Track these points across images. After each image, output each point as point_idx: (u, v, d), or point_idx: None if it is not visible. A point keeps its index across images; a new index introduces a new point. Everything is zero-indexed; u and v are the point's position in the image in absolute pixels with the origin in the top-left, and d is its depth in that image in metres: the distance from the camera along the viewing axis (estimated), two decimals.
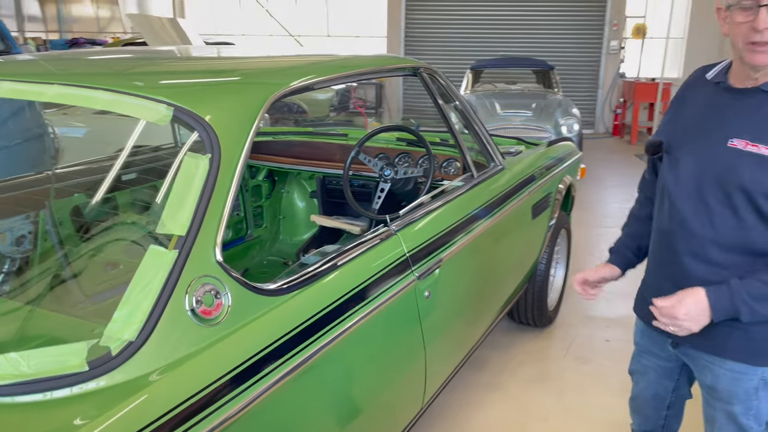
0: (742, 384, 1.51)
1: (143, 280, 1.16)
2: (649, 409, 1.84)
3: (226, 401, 1.19)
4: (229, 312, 1.27)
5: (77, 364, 1.06)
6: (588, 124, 11.07)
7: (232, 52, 2.28)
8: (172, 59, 1.97)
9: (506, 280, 2.74)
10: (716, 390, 1.57)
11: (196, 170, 1.29)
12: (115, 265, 2.18)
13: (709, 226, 1.45)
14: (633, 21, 10.70)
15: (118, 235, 2.34)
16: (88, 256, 2.23)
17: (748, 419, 1.53)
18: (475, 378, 3.00)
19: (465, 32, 11.39)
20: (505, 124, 6.81)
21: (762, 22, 1.28)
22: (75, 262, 2.22)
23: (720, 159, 1.42)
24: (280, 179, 3.39)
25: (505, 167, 2.69)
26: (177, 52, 2.15)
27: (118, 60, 1.94)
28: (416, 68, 2.32)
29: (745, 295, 1.37)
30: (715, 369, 1.55)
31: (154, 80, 1.59)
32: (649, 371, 1.78)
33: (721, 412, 1.58)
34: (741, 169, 1.38)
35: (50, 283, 1.98)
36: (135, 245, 2.27)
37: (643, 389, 1.83)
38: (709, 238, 1.46)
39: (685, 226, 1.50)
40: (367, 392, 1.69)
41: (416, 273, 1.86)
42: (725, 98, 1.45)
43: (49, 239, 2.27)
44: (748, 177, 1.37)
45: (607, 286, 4.34)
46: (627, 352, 3.22)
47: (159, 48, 2.40)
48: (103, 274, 2.13)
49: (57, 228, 2.34)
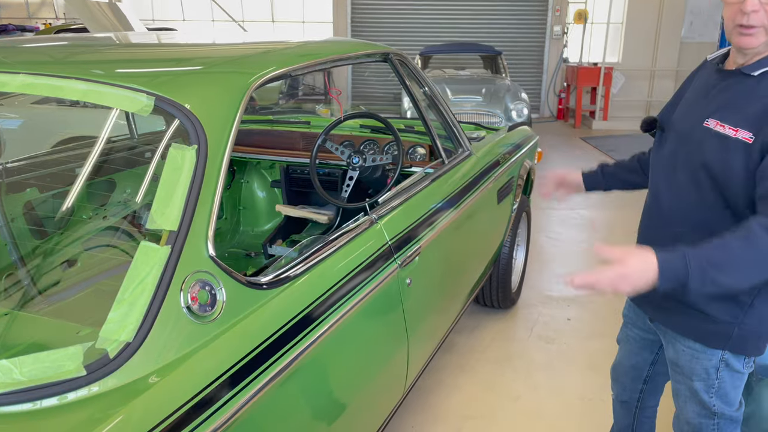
0: (700, 362, 1.56)
1: (137, 278, 1.11)
2: (627, 379, 1.91)
3: (229, 398, 1.16)
4: (225, 308, 1.23)
5: (74, 368, 1.00)
6: (533, 108, 11.28)
7: (203, 39, 2.20)
8: (143, 46, 1.89)
9: (476, 265, 2.78)
10: (678, 365, 1.63)
11: (183, 162, 1.24)
12: (72, 263, 2.09)
13: (677, 201, 1.51)
14: (575, 6, 10.94)
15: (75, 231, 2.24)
16: (45, 253, 2.13)
17: (711, 396, 1.58)
18: (446, 361, 3.04)
19: (412, 18, 11.38)
20: (457, 109, 6.87)
21: (749, 4, 1.31)
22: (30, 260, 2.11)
23: (694, 137, 1.46)
24: (239, 169, 3.32)
25: (473, 152, 2.71)
26: (147, 38, 2.06)
27: (85, 48, 1.84)
28: (387, 54, 2.30)
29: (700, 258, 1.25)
30: (677, 345, 1.61)
31: (131, 69, 1.52)
32: (631, 341, 1.85)
33: (683, 386, 1.64)
34: (706, 147, 1.42)
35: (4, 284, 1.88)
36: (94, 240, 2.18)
37: (624, 357, 1.90)
38: (677, 214, 1.51)
39: (659, 201, 1.56)
40: (358, 380, 1.69)
41: (398, 261, 1.86)
42: (714, 79, 1.49)
43: (0, 236, 2.16)
44: (709, 155, 1.41)
45: (564, 267, 4.44)
46: (588, 331, 3.35)
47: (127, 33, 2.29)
48: (62, 271, 2.04)
49: (8, 225, 2.22)
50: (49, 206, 2.37)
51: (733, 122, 1.38)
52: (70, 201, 2.42)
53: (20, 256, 2.12)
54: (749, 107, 1.37)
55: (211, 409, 1.12)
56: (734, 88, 1.43)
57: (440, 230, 2.19)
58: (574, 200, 5.81)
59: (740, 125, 1.36)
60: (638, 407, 1.94)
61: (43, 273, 2.02)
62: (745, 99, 1.39)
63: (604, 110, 10.09)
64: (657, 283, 1.25)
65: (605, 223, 5.21)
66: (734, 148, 1.36)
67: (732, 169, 1.37)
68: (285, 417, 1.37)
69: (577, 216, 5.39)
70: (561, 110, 11.12)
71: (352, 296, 1.60)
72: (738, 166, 1.36)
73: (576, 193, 1.92)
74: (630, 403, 1.94)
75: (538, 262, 4.32)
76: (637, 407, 1.94)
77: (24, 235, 2.24)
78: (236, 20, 11.43)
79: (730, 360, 1.53)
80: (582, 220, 5.29)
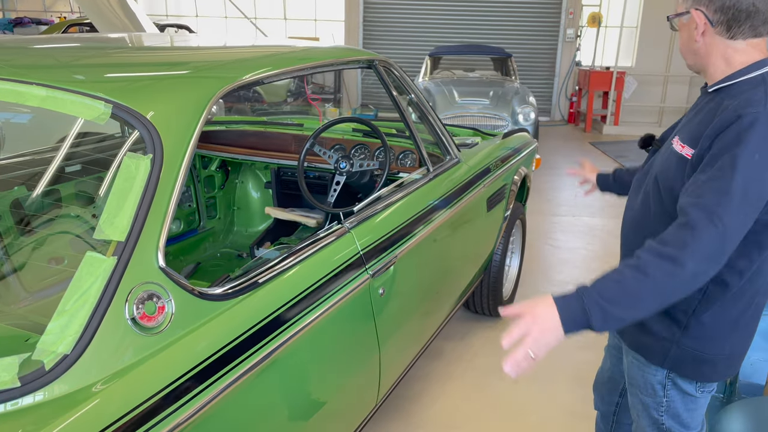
0: (646, 377, 1.55)
1: (79, 289, 1.10)
2: (605, 390, 1.91)
3: (171, 411, 1.15)
4: (173, 319, 1.22)
5: (8, 380, 1.00)
6: (544, 111, 11.22)
7: (184, 42, 2.19)
8: (117, 49, 1.88)
9: (461, 273, 2.75)
10: (630, 376, 1.63)
11: (137, 171, 1.23)
12: (59, 261, 2.09)
13: (637, 216, 1.53)
14: (589, 9, 10.85)
15: (61, 229, 2.25)
16: (30, 251, 2.13)
17: (661, 414, 1.56)
18: (432, 368, 3.02)
19: (424, 18, 11.35)
20: (463, 111, 6.84)
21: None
22: (16, 258, 2.12)
23: (663, 155, 1.49)
24: (233, 169, 3.32)
25: (461, 160, 2.68)
26: (124, 41, 2.05)
27: (59, 50, 1.84)
28: (372, 61, 2.28)
29: (596, 297, 1.21)
30: (628, 356, 1.62)
31: (94, 73, 1.51)
32: (612, 352, 1.84)
33: (636, 399, 1.63)
34: (666, 164, 1.44)
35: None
36: (79, 239, 2.19)
37: (604, 369, 1.89)
38: (637, 228, 1.53)
39: (630, 211, 1.59)
40: (321, 393, 1.67)
41: (370, 271, 1.84)
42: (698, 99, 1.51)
43: None
44: (662, 170, 1.44)
45: (561, 275, 4.40)
46: (578, 340, 3.29)
47: (106, 36, 2.29)
48: (47, 269, 2.05)
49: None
50: (38, 204, 2.38)
51: (685, 139, 1.40)
52: (57, 198, 2.43)
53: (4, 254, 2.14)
54: (696, 123, 1.39)
55: (152, 421, 1.11)
56: (698, 106, 1.45)
57: (420, 239, 2.16)
58: (578, 208, 5.76)
59: (687, 142, 1.39)
60: (614, 422, 1.91)
61: (21, 272, 2.03)
62: (695, 115, 1.42)
63: (616, 115, 9.99)
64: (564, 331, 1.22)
65: (605, 231, 5.16)
66: (678, 163, 1.38)
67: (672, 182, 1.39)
68: (240, 427, 1.36)
69: (580, 223, 5.34)
70: (572, 114, 11.03)
71: (318, 305, 1.59)
72: (677, 181, 1.37)
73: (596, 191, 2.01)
74: (607, 416, 1.93)
75: (537, 269, 4.28)
76: (613, 421, 1.92)
77: (10, 232, 2.25)
78: (248, 17, 11.48)
79: (677, 380, 1.51)
80: (585, 228, 5.24)
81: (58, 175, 2.46)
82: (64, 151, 2.61)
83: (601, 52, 11.04)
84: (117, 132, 2.88)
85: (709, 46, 1.36)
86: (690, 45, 1.40)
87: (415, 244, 2.13)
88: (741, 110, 1.26)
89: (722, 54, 1.35)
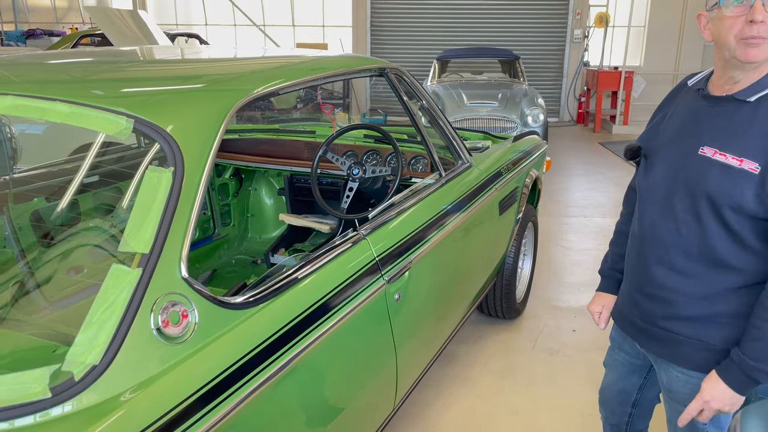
0: (695, 389, 1.50)
1: (106, 300, 1.13)
2: (615, 403, 1.87)
3: (197, 419, 1.17)
4: (196, 329, 1.25)
5: (39, 391, 1.03)
6: (553, 112, 11.21)
7: (197, 55, 2.23)
8: (133, 63, 1.92)
9: (475, 277, 2.77)
10: (671, 391, 1.59)
11: (159, 184, 1.26)
12: (79, 271, 2.13)
13: (674, 232, 1.46)
14: (596, 10, 10.83)
15: (81, 240, 2.29)
16: (51, 263, 2.17)
17: (705, 423, 1.53)
18: (445, 372, 3.03)
19: (431, 22, 11.38)
20: (472, 114, 6.86)
21: (759, 12, 1.26)
22: (37, 269, 2.16)
23: (690, 166, 1.42)
24: (247, 177, 3.35)
25: (473, 164, 2.70)
26: (138, 54, 2.09)
27: (76, 65, 1.88)
28: (383, 69, 2.31)
29: (751, 362, 1.35)
30: (670, 371, 1.57)
31: (113, 88, 1.54)
32: (619, 366, 1.80)
33: (676, 413, 1.59)
34: (708, 177, 1.37)
35: (12, 293, 1.93)
36: (99, 249, 2.22)
37: (612, 382, 1.85)
38: (673, 244, 1.46)
39: (653, 231, 1.51)
40: (339, 399, 1.69)
41: (386, 277, 1.86)
42: (702, 106, 1.45)
43: (8, 246, 2.21)
44: (713, 185, 1.36)
45: (573, 277, 4.41)
46: (593, 342, 3.32)
47: (119, 49, 2.33)
48: (68, 280, 2.08)
49: (16, 234, 2.27)
50: (57, 215, 2.42)
51: (736, 152, 1.34)
52: (76, 210, 2.47)
53: (25, 265, 2.18)
54: (751, 136, 1.33)
55: (178, 430, 1.14)
56: (729, 115, 1.38)
57: (434, 244, 2.18)
58: (589, 209, 5.75)
59: (744, 155, 1.32)
60: (627, 431, 1.91)
61: (43, 283, 2.07)
62: (745, 127, 1.35)
63: (625, 115, 9.96)
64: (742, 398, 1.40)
65: None
66: (740, 178, 1.32)
67: (740, 200, 1.33)
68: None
69: (592, 224, 5.33)
70: (581, 114, 11.01)
71: (335, 313, 1.61)
72: (747, 197, 1.32)
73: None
74: (619, 426, 1.91)
75: (549, 271, 4.29)
76: (627, 431, 1.91)
77: (30, 244, 2.29)
78: (257, 25, 11.55)
79: None
80: (596, 228, 5.23)
81: (76, 186, 2.50)
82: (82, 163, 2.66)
83: (609, 52, 11.02)
84: (133, 143, 2.93)
85: None
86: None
87: (429, 249, 2.15)
88: None
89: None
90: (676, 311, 1.49)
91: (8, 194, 2.43)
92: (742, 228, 1.36)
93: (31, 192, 2.43)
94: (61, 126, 1.36)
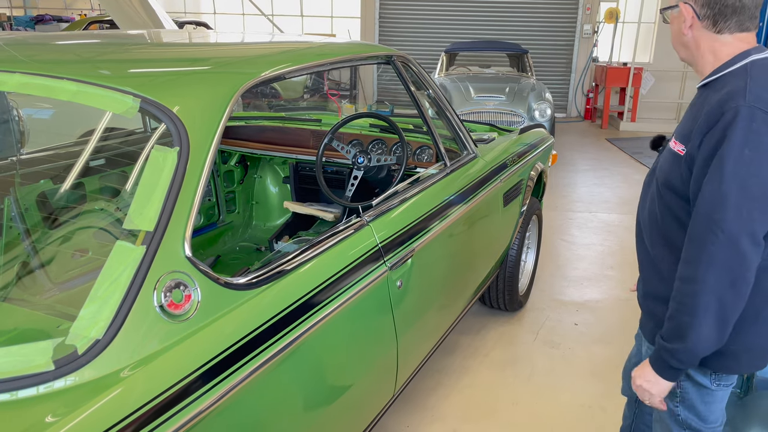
0: None
1: (110, 276, 1.14)
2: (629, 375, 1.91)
3: (197, 397, 1.18)
4: (199, 307, 1.26)
5: (43, 363, 1.04)
6: (561, 107, 11.17)
7: (204, 38, 2.23)
8: (141, 45, 1.92)
9: (477, 268, 2.77)
10: None
11: (164, 163, 1.27)
12: (84, 252, 2.14)
13: (647, 216, 1.54)
14: (606, 5, 10.77)
15: (86, 222, 2.30)
16: (56, 244, 2.19)
17: (676, 405, 1.57)
18: (447, 362, 3.04)
19: (440, 14, 11.34)
20: (479, 108, 6.84)
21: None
22: (42, 250, 2.18)
23: (664, 155, 1.50)
24: (252, 164, 3.36)
25: (478, 155, 2.70)
26: (146, 37, 2.10)
27: (84, 46, 1.88)
28: (390, 56, 2.30)
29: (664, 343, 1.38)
30: (643, 346, 1.67)
31: (120, 69, 1.55)
32: (638, 339, 1.85)
33: None
34: (664, 163, 1.46)
35: (17, 273, 1.94)
36: (104, 232, 2.24)
37: (632, 355, 1.90)
38: (646, 227, 1.55)
39: (640, 216, 1.61)
40: (339, 383, 1.70)
41: (388, 264, 1.87)
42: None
43: (14, 227, 2.23)
44: (662, 170, 1.45)
45: (577, 271, 4.40)
46: (595, 336, 3.32)
47: (127, 32, 2.34)
48: (72, 261, 2.10)
49: (23, 215, 2.29)
50: (62, 197, 2.43)
51: (678, 136, 1.43)
52: (82, 192, 2.48)
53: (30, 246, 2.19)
54: (687, 120, 1.42)
55: (178, 406, 1.15)
56: (692, 104, 1.46)
57: (437, 233, 2.19)
58: (594, 204, 5.74)
59: (679, 139, 1.41)
60: (637, 407, 1.93)
61: (47, 263, 2.08)
62: (690, 111, 1.44)
63: (633, 111, 9.92)
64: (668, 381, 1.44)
65: (621, 226, 5.14)
66: (673, 160, 1.41)
67: (669, 180, 1.42)
68: (256, 416, 1.40)
69: (596, 219, 5.32)
70: (589, 110, 10.97)
71: (337, 297, 1.62)
72: (675, 179, 1.40)
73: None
74: (630, 402, 1.95)
75: (552, 265, 4.29)
76: (636, 407, 1.93)
77: (37, 225, 2.30)
78: (266, 14, 11.53)
79: (691, 372, 1.51)
80: (601, 224, 5.22)
81: (81, 168, 2.52)
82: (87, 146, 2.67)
83: (619, 48, 10.96)
84: (139, 127, 2.94)
85: (697, 39, 1.39)
86: (679, 38, 1.43)
87: (432, 238, 2.15)
88: (723, 105, 1.27)
89: (710, 48, 1.38)
90: (648, 289, 1.57)
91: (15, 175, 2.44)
92: (680, 209, 1.42)
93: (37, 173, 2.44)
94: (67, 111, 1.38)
